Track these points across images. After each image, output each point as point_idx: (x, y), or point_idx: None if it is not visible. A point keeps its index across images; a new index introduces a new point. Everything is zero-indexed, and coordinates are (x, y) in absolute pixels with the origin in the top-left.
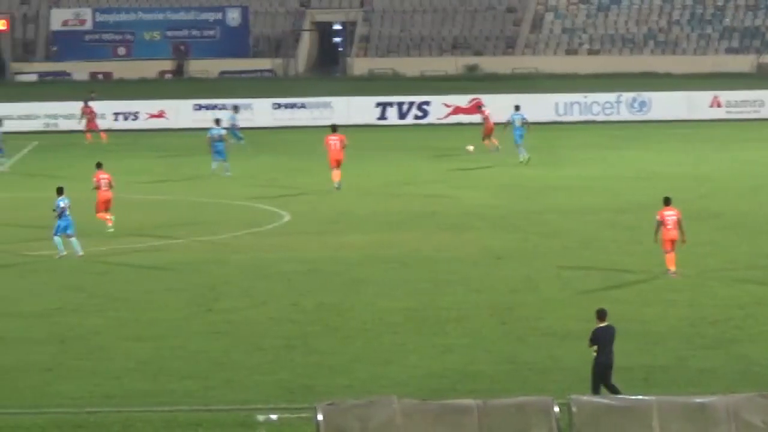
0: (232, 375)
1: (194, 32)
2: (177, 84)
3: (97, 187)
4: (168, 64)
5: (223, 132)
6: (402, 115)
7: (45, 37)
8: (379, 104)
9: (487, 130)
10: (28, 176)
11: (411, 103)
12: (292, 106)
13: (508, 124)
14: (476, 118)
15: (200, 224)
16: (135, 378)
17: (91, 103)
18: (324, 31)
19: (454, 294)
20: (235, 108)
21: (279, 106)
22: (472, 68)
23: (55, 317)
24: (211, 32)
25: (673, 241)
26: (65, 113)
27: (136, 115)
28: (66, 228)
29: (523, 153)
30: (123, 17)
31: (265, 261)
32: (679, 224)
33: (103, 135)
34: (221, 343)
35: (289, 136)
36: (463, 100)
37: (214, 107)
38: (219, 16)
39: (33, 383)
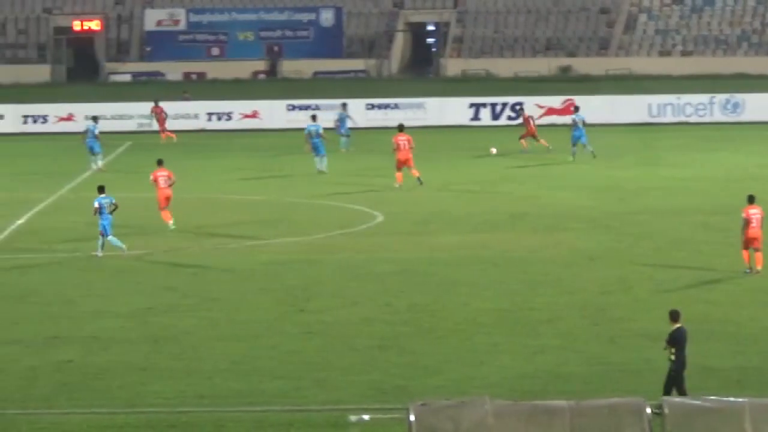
0: (325, 375)
1: (288, 33)
2: (270, 84)
3: (155, 184)
4: (261, 65)
5: (321, 129)
6: (495, 116)
7: (139, 37)
8: (472, 105)
9: (529, 132)
10: (122, 176)
11: (504, 104)
12: (386, 106)
13: (573, 124)
14: (569, 119)
15: (293, 224)
16: (227, 378)
17: (161, 104)
18: (417, 31)
19: (546, 295)
20: (344, 105)
21: (372, 106)
22: (565, 69)
23: (148, 317)
24: (305, 33)
25: (757, 239)
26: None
27: (229, 116)
28: (108, 226)
29: (575, 152)
30: (216, 17)
31: (358, 261)
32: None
33: (163, 135)
34: (314, 344)
35: (382, 136)
36: (556, 101)
37: (307, 107)
38: (312, 16)
39: (126, 383)
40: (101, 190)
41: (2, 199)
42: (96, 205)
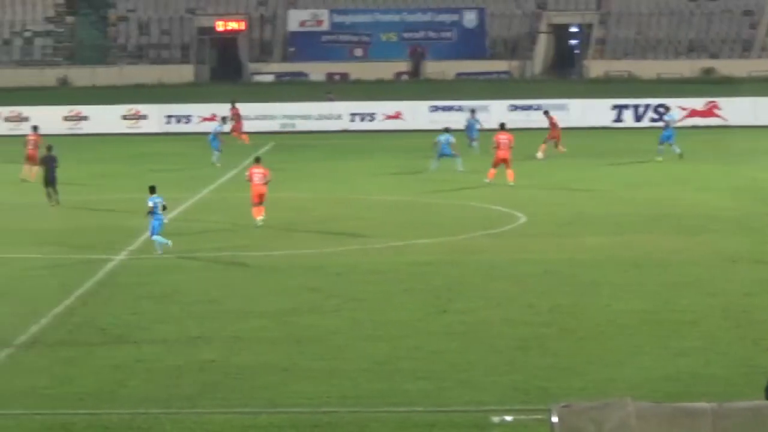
0: (467, 376)
1: (431, 34)
2: (413, 85)
3: (250, 180)
4: (404, 66)
5: (452, 139)
6: (638, 118)
7: (282, 37)
8: (615, 107)
9: (553, 135)
10: None
11: (647, 106)
12: (528, 108)
13: (665, 125)
14: (712, 121)
15: (437, 225)
16: (370, 378)
17: (237, 105)
18: (560, 33)
19: (688, 297)
20: (473, 111)
21: (515, 108)
22: (707, 71)
23: (291, 317)
24: (448, 34)
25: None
26: (302, 114)
27: (372, 117)
28: (158, 226)
29: (662, 152)
30: (360, 18)
31: (501, 262)
32: None
33: (242, 136)
34: (456, 344)
35: (524, 137)
36: (699, 103)
37: (449, 108)
38: (456, 17)
39: (269, 383)
40: (153, 190)
41: (145, 199)
42: (150, 204)
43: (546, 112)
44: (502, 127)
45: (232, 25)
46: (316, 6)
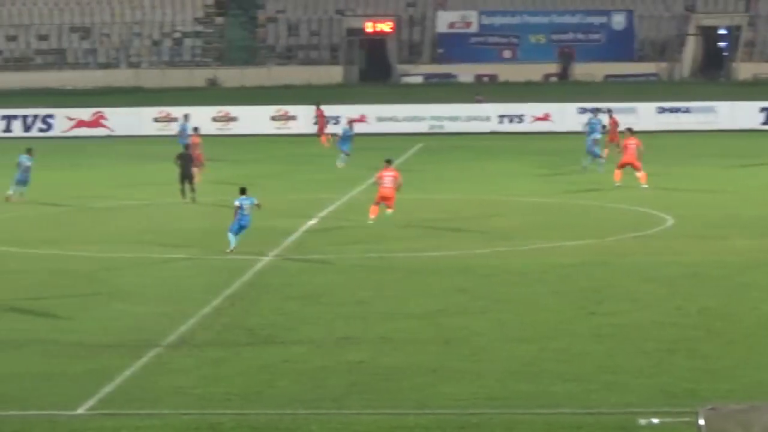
0: (614, 378)
1: (579, 36)
2: (561, 87)
3: (379, 183)
4: (553, 67)
5: (598, 136)
6: None
7: (431, 39)
8: (763, 109)
9: (612, 138)
10: (412, 176)
11: None
12: (677, 110)
13: None
14: None
15: (584, 227)
16: (517, 380)
17: (322, 107)
18: (709, 35)
19: None
20: (595, 111)
21: (663, 110)
22: None
23: (439, 318)
24: (596, 36)
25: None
26: (450, 115)
27: (521, 118)
28: (242, 227)
29: None
30: (508, 20)
31: (649, 264)
32: None
33: (323, 138)
34: (604, 346)
35: (673, 140)
36: None
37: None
38: (604, 19)
39: (417, 384)
40: (243, 191)
41: (294, 199)
42: (237, 204)
43: (609, 111)
44: (630, 131)
45: (381, 27)
46: (465, 7)
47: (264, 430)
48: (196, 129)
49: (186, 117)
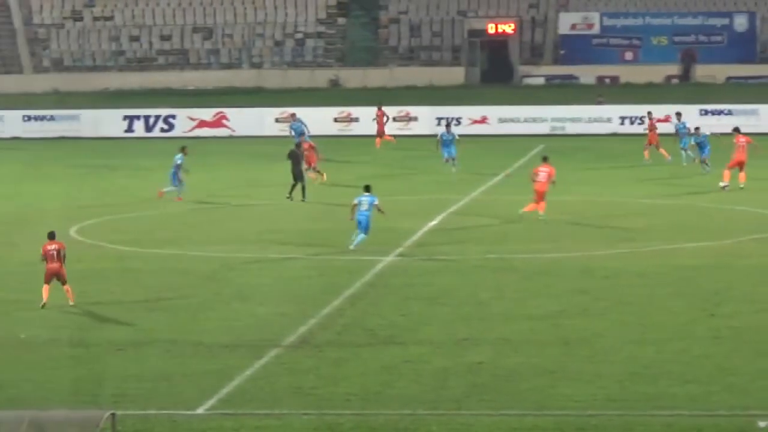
0: (734, 380)
1: (701, 37)
2: (683, 89)
3: (534, 178)
4: (674, 69)
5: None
6: None
7: (553, 40)
8: None
9: (650, 140)
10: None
11: None
12: None
13: None
14: None
15: (705, 229)
16: (637, 381)
17: (384, 108)
18: None
19: None
20: (678, 115)
21: None
22: None
23: (559, 319)
24: (719, 38)
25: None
26: (572, 117)
27: (642, 120)
28: (359, 223)
29: None
30: (630, 22)
31: None
32: None
33: (378, 140)
34: (724, 348)
35: None
36: None
37: (719, 113)
38: (726, 21)
39: (536, 385)
40: (367, 189)
41: (415, 200)
42: (354, 202)
43: (649, 113)
44: (738, 130)
45: (503, 28)
46: (587, 9)
47: (383, 431)
48: (302, 134)
49: (293, 116)
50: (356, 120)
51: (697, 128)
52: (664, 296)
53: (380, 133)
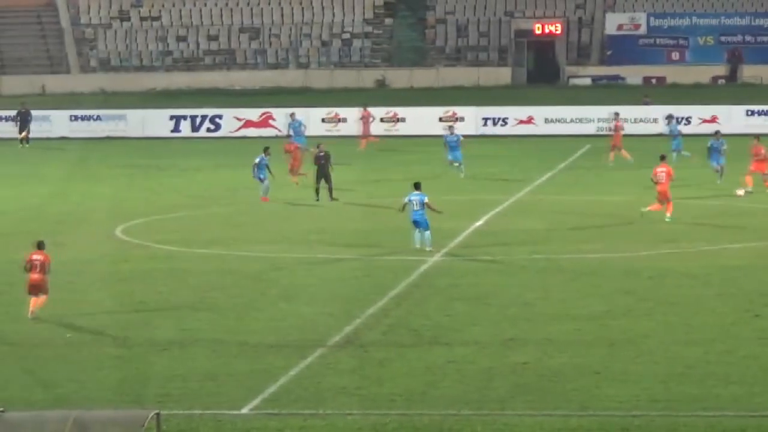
0: None
1: (748, 38)
2: (730, 89)
3: (655, 179)
4: (721, 69)
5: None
6: None
7: (599, 41)
8: None
9: (615, 141)
10: (579, 177)
11: None
12: None
13: None
14: None
15: (751, 229)
16: (681, 382)
17: (369, 108)
18: None
19: None
20: (669, 117)
21: None
22: None
23: (604, 320)
24: (766, 38)
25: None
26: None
27: (688, 120)
28: (415, 222)
29: None
30: (677, 22)
31: None
32: None
33: (363, 141)
34: None
35: None
36: None
37: (766, 113)
38: None
39: (581, 385)
40: (417, 186)
41: (460, 201)
42: (405, 200)
43: (616, 114)
44: (757, 138)
45: (550, 28)
46: (634, 9)
47: (427, 431)
48: (290, 137)
49: (293, 116)
50: (402, 120)
51: (716, 132)
52: (709, 297)
53: (365, 133)
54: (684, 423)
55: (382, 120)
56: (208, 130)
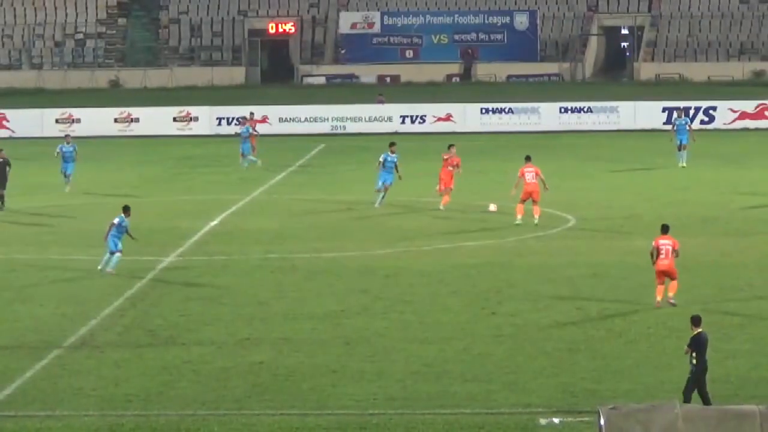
0: (515, 378)
1: (482, 36)
2: (464, 87)
3: (521, 179)
4: (455, 68)
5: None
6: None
7: (333, 39)
8: (665, 109)
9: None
10: (313, 177)
11: (698, 108)
12: (579, 110)
13: None
14: (762, 123)
15: (485, 227)
16: (418, 380)
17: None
18: (611, 35)
19: (738, 300)
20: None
21: (566, 110)
22: (758, 74)
23: (340, 319)
24: (499, 36)
25: (664, 272)
26: (352, 116)
27: (423, 118)
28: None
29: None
30: (411, 20)
31: (550, 265)
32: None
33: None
34: (504, 347)
35: (575, 140)
36: (749, 105)
37: (500, 111)
38: (507, 20)
39: (317, 384)
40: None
41: (196, 200)
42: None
43: (251, 114)
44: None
45: (284, 27)
46: (368, 8)
47: (164, 431)
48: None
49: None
50: (136, 120)
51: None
52: (445, 295)
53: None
54: (422, 421)
55: (116, 120)
56: None
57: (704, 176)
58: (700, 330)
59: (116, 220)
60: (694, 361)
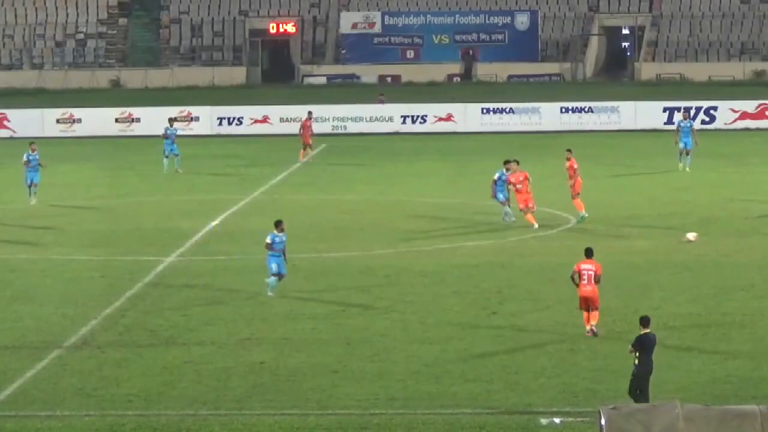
0: (516, 378)
1: (483, 36)
2: (465, 87)
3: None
4: (456, 68)
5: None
6: None
7: (334, 40)
8: (666, 109)
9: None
10: (316, 177)
11: (698, 108)
12: (580, 110)
13: None
14: (763, 123)
15: (487, 227)
16: (419, 380)
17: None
18: (612, 35)
19: (739, 300)
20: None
21: (566, 110)
22: (759, 74)
23: (341, 319)
24: (500, 36)
25: (586, 299)
26: (353, 116)
27: (424, 118)
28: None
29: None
30: (412, 20)
31: (551, 265)
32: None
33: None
34: (505, 347)
35: (576, 140)
36: (750, 105)
37: (501, 111)
38: (508, 20)
39: (318, 384)
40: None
41: (197, 200)
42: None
43: (309, 113)
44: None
45: (285, 27)
46: (369, 8)
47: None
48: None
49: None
50: (137, 120)
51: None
52: (446, 295)
53: (305, 143)
54: (422, 421)
55: (116, 120)
56: None
57: (705, 176)
58: (647, 331)
59: (268, 240)
60: (636, 362)
